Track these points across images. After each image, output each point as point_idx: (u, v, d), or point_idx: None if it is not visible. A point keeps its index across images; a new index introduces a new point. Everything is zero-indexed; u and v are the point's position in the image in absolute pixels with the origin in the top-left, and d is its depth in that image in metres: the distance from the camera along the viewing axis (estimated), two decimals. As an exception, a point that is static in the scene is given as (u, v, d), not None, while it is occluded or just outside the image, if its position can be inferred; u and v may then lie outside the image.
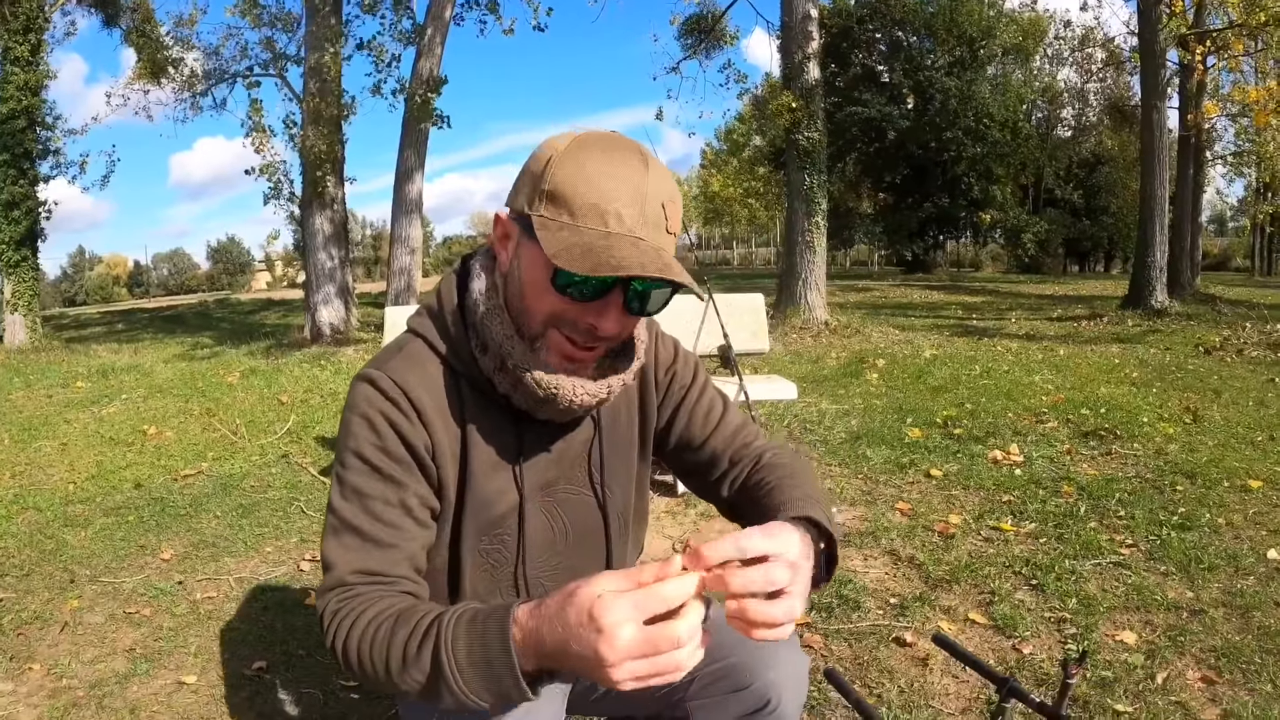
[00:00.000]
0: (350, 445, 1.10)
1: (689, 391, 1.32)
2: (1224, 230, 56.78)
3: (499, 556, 1.21)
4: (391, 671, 0.95)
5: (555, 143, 1.03)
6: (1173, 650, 2.31)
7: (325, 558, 1.09)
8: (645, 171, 1.01)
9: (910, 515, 3.56)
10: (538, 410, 1.11)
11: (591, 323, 1.02)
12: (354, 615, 1.01)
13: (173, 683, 2.38)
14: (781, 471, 1.24)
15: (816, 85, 11.19)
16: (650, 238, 1.00)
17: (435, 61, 11.09)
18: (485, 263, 1.13)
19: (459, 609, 0.93)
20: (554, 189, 0.99)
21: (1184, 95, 14.59)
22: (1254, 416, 5.24)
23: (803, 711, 1.26)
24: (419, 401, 1.09)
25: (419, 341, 1.15)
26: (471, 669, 0.88)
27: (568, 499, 1.24)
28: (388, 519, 1.08)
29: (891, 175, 31.03)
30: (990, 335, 10.52)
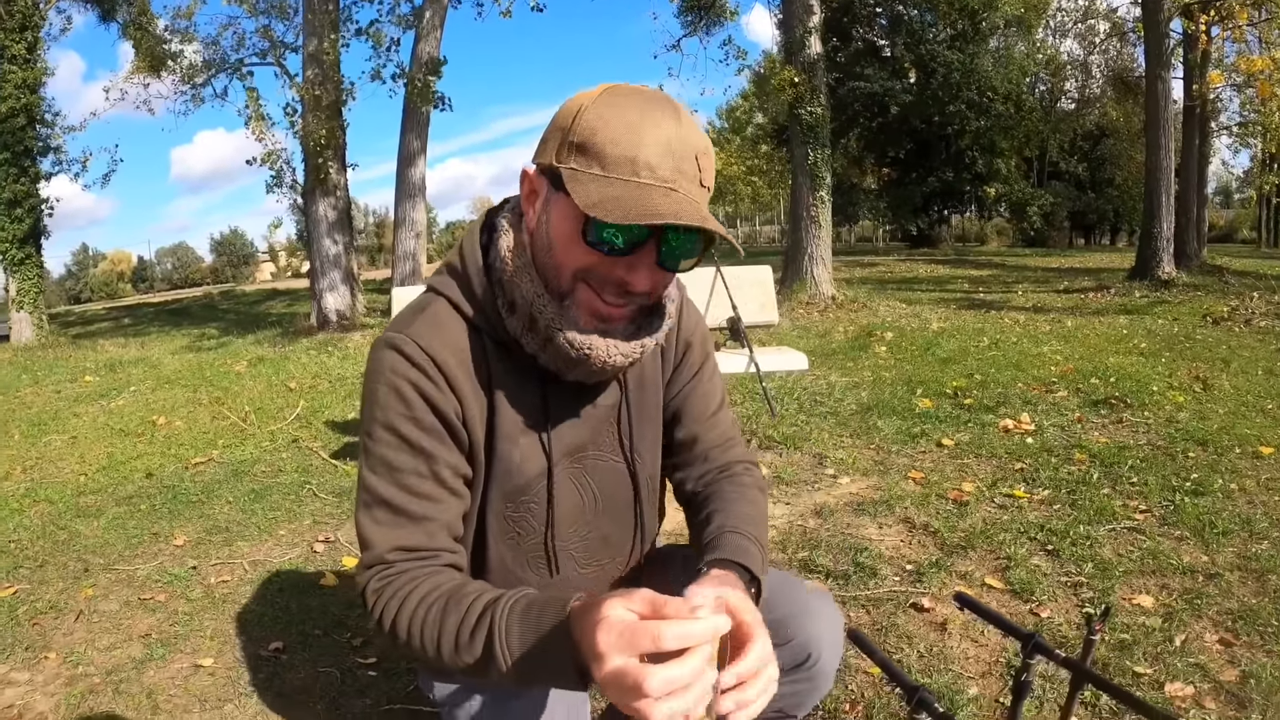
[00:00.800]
0: (378, 417, 1.07)
1: (699, 371, 1.31)
2: (1229, 202, 56.34)
3: (525, 525, 1.19)
4: (443, 654, 0.96)
5: (583, 96, 1.00)
6: (1190, 613, 2.30)
7: (361, 534, 1.08)
8: (678, 123, 0.97)
9: (923, 484, 3.55)
10: (567, 371, 1.08)
11: (623, 277, 0.99)
12: (400, 596, 1.01)
13: (189, 666, 2.39)
14: (747, 495, 1.25)
15: (818, 60, 11.10)
16: (684, 189, 0.96)
17: (434, 44, 11.04)
18: (512, 219, 1.09)
19: (512, 598, 0.93)
20: (584, 140, 0.96)
21: (1188, 66, 14.43)
22: (1264, 385, 5.20)
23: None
24: (446, 366, 1.07)
25: (441, 301, 1.12)
26: (526, 661, 0.88)
27: (596, 465, 1.21)
28: (421, 491, 1.06)
29: (895, 150, 30.86)
30: (997, 308, 10.46)
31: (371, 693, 2.20)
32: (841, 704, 1.97)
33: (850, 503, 3.37)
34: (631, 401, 1.22)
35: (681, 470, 1.32)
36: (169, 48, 13.87)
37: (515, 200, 1.12)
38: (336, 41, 10.84)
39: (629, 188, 0.93)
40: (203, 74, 13.97)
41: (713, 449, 1.31)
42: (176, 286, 57.05)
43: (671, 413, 1.30)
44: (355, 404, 6.06)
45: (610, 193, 0.93)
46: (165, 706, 2.18)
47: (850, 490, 3.53)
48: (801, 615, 1.20)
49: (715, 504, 1.22)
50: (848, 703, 1.97)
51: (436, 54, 11.01)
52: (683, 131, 0.97)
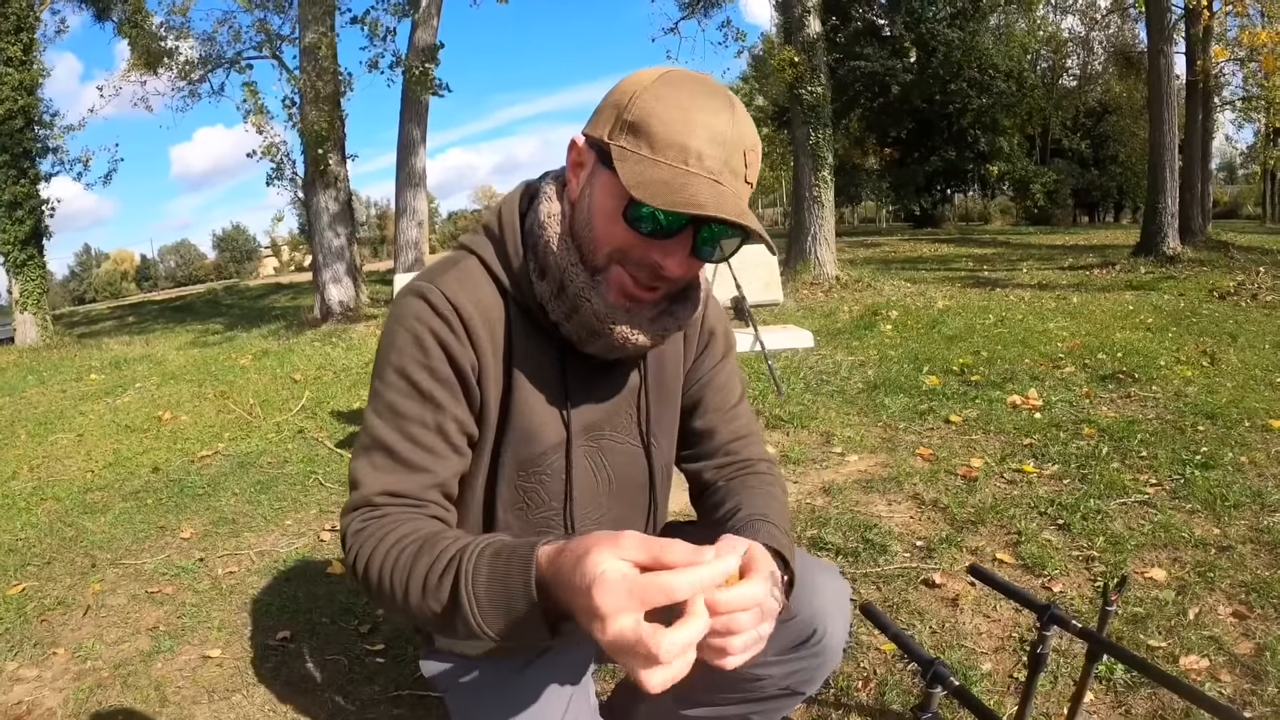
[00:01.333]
0: (393, 360, 1.06)
1: (721, 361, 1.30)
2: (1234, 178, 55.99)
3: (536, 497, 1.17)
4: (410, 598, 0.93)
5: (641, 75, 1.00)
6: (1203, 586, 2.28)
7: (353, 475, 1.06)
8: (731, 115, 0.97)
9: (932, 460, 3.53)
10: (587, 343, 1.07)
11: (657, 261, 0.99)
12: (377, 537, 0.99)
13: (197, 657, 2.38)
14: (772, 491, 1.22)
15: (818, 39, 11.03)
16: (729, 183, 0.96)
17: (431, 32, 11.01)
18: (555, 187, 1.09)
19: (483, 542, 0.90)
20: (637, 120, 0.96)
21: (1190, 41, 14.30)
22: (1271, 359, 5.17)
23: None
24: (470, 321, 1.06)
25: (473, 259, 1.11)
26: (491, 606, 0.85)
27: (612, 446, 1.21)
28: (423, 442, 1.05)
29: (896, 130, 30.70)
30: (1002, 285, 10.42)
31: (380, 679, 2.20)
32: (854, 681, 1.95)
33: (858, 480, 3.35)
34: (651, 386, 1.21)
35: (698, 461, 1.31)
36: (165, 44, 13.81)
37: (557, 170, 1.13)
38: (333, 32, 10.79)
39: (675, 174, 0.93)
40: (199, 70, 13.91)
41: (732, 442, 1.29)
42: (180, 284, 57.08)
43: (690, 401, 1.29)
44: (361, 394, 6.05)
45: (657, 176, 0.93)
46: (173, 698, 2.17)
47: (858, 468, 3.51)
48: (806, 589, 1.18)
49: (741, 496, 1.21)
50: (860, 680, 1.95)
51: (434, 41, 10.96)
52: (735, 124, 0.97)
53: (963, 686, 1.05)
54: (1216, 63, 14.88)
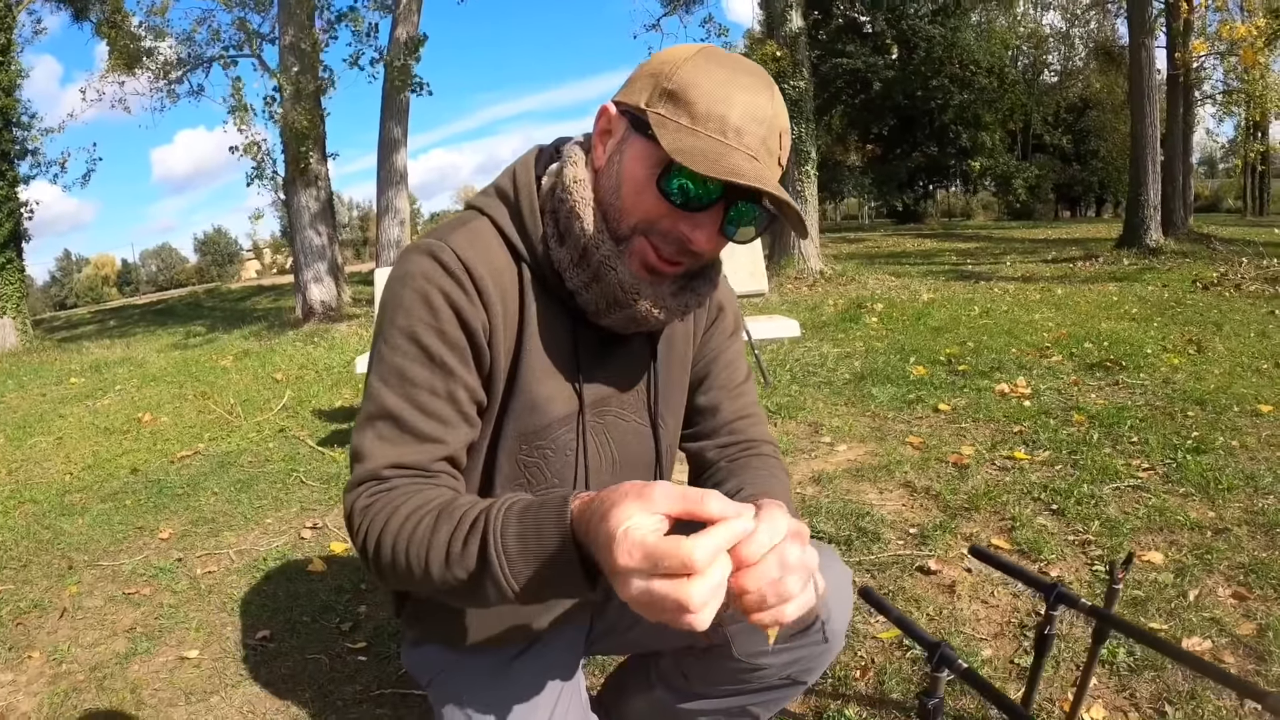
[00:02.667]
0: (401, 323, 1.00)
1: (731, 338, 1.27)
2: (1214, 172, 56.53)
3: (538, 472, 1.12)
4: (431, 569, 0.88)
5: (681, 49, 0.99)
6: (1201, 568, 2.25)
7: (358, 448, 1.01)
8: (771, 96, 0.96)
9: (922, 448, 3.49)
10: (605, 314, 1.03)
11: (685, 234, 0.96)
12: (389, 510, 0.93)
13: (174, 659, 2.31)
14: (777, 474, 1.19)
15: (799, 33, 11.02)
16: (765, 161, 0.95)
17: (412, 27, 10.93)
18: (578, 153, 1.04)
19: (509, 500, 0.85)
20: (678, 90, 0.94)
21: (1171, 35, 14.37)
22: (1257, 346, 5.17)
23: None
24: (482, 282, 1.01)
25: (484, 221, 1.06)
26: (523, 560, 0.81)
27: (618, 424, 1.16)
28: (432, 410, 1.00)
29: (879, 126, 30.84)
30: (986, 278, 10.44)
31: (361, 678, 2.14)
32: (851, 670, 1.90)
33: (849, 469, 3.31)
34: (661, 363, 1.17)
35: (700, 440, 1.27)
36: (144, 45, 13.65)
37: (576, 137, 1.09)
38: (313, 30, 10.69)
39: (714, 144, 0.91)
40: (178, 70, 13.76)
41: (736, 420, 1.26)
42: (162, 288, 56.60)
43: (696, 376, 1.25)
44: (342, 393, 5.98)
45: (697, 144, 0.91)
46: (150, 701, 2.11)
47: (848, 457, 3.48)
48: None
49: (744, 476, 1.17)
50: (857, 669, 1.91)
51: (416, 34, 10.87)
52: (774, 106, 0.96)
53: (971, 669, 1.01)
54: (1196, 56, 14.94)
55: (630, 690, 1.45)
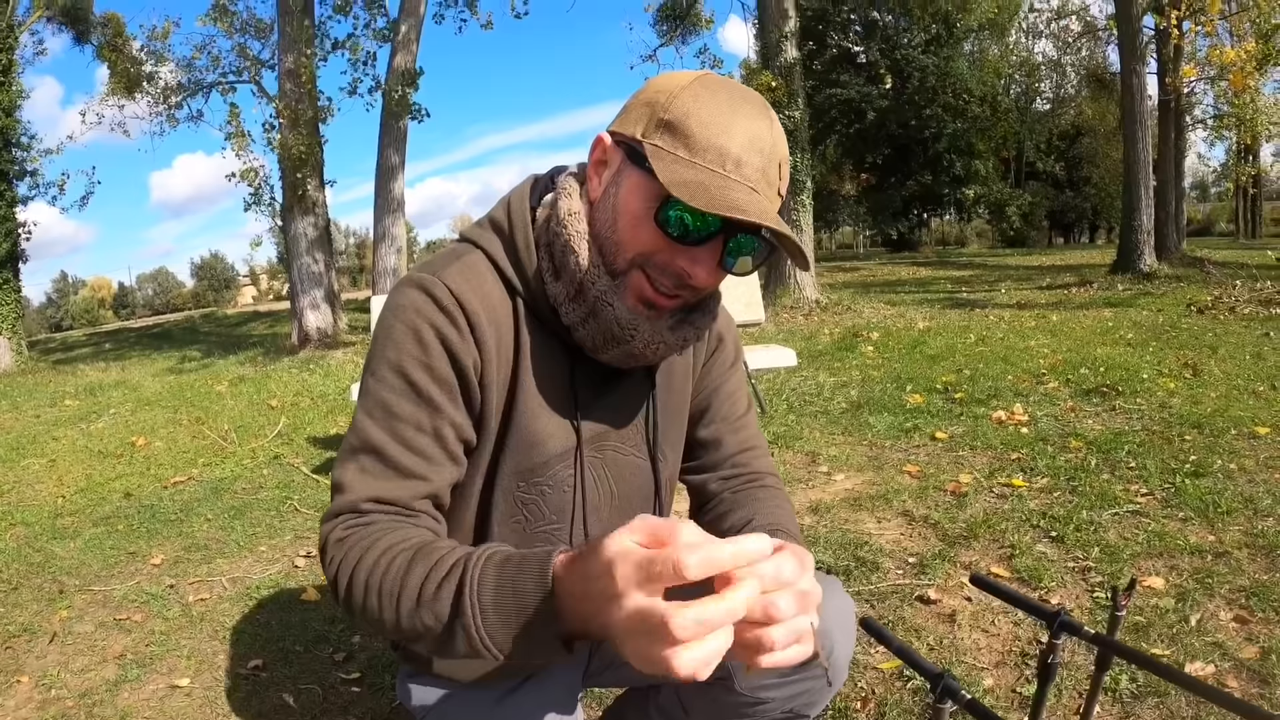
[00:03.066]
0: (389, 356, 0.98)
1: (731, 369, 1.24)
2: (1206, 196, 56.96)
3: (535, 509, 1.09)
4: (401, 610, 0.84)
5: (678, 76, 0.96)
6: (1202, 592, 2.23)
7: (339, 479, 0.98)
8: (770, 125, 0.94)
9: (920, 477, 3.48)
10: (603, 349, 1.01)
11: (684, 268, 0.94)
12: (364, 544, 0.89)
13: (165, 687, 2.28)
14: (783, 506, 1.17)
15: (795, 64, 11.12)
16: (764, 193, 0.92)
17: (411, 57, 11.00)
18: (573, 184, 1.02)
19: (489, 549, 0.82)
20: (675, 120, 0.91)
21: (1161, 60, 14.53)
22: (1253, 369, 5.18)
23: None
24: (475, 317, 0.98)
25: (478, 254, 1.04)
26: (498, 614, 0.76)
27: (616, 458, 1.13)
28: (417, 446, 0.97)
29: (873, 155, 31.01)
30: (981, 306, 10.47)
31: (355, 709, 2.11)
32: (852, 702, 1.88)
33: (846, 499, 3.29)
34: (660, 395, 1.15)
35: (703, 472, 1.24)
36: (144, 69, 13.73)
37: (571, 167, 1.07)
38: (313, 57, 10.76)
39: (714, 177, 0.89)
40: (178, 94, 13.82)
41: (739, 454, 1.23)
42: (158, 312, 56.48)
43: (697, 409, 1.23)
44: (337, 420, 5.95)
45: (695, 177, 0.88)
46: (140, 729, 2.08)
47: (845, 486, 3.46)
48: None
49: (751, 507, 1.15)
50: (858, 700, 1.89)
51: (413, 67, 10.94)
52: (773, 134, 0.94)
53: (975, 699, 0.99)
54: (1187, 81, 15.11)
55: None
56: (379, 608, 0.85)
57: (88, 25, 17.08)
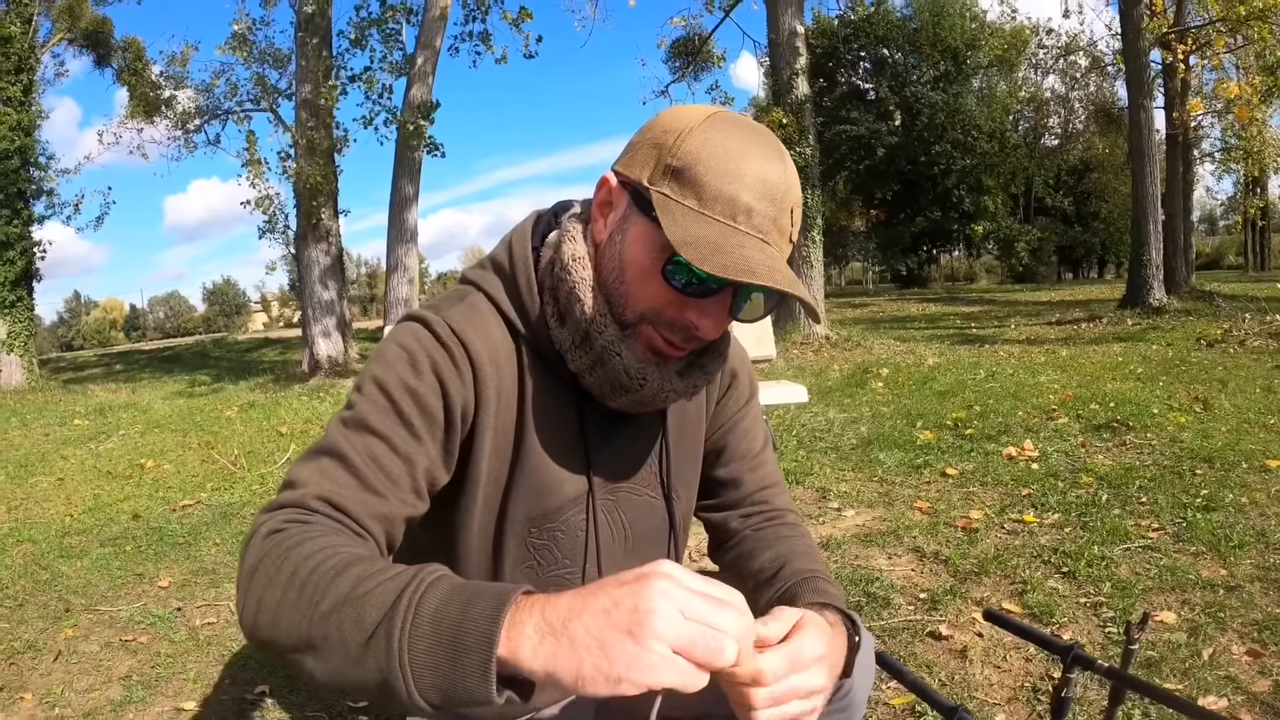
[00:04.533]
0: (377, 373, 0.93)
1: (746, 405, 1.21)
2: (1215, 230, 57.05)
3: (549, 554, 1.06)
4: (319, 612, 0.70)
5: (686, 114, 0.91)
6: (1214, 626, 2.21)
7: (293, 476, 0.89)
8: (783, 167, 0.89)
9: (930, 513, 3.46)
10: (612, 397, 0.98)
11: (693, 321, 0.90)
12: (301, 537, 0.79)
13: (170, 710, 2.27)
14: (810, 546, 1.15)
15: (805, 100, 11.22)
16: (775, 243, 0.88)
17: (427, 89, 11.11)
18: (580, 227, 0.98)
19: (449, 572, 0.73)
20: (684, 166, 0.87)
21: (1169, 95, 14.65)
22: (1264, 402, 5.16)
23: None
24: (477, 359, 0.94)
25: (480, 295, 1.00)
26: (436, 632, 0.66)
27: (630, 499, 1.10)
28: (385, 465, 0.89)
29: (882, 191, 31.22)
30: (991, 342, 10.47)
31: (363, 734, 2.10)
32: (860, 734, 1.87)
33: (857, 535, 3.28)
34: (672, 435, 1.12)
35: (723, 510, 1.21)
36: (163, 93, 13.95)
37: (576, 205, 1.04)
38: (334, 89, 10.90)
39: (724, 232, 0.85)
40: (195, 119, 14.03)
41: (758, 491, 1.21)
42: (169, 335, 56.92)
43: (713, 448, 1.19)
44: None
45: (705, 234, 0.84)
46: (145, 752, 2.07)
47: (856, 522, 3.45)
48: None
49: (779, 547, 1.13)
50: (867, 733, 1.87)
51: (429, 99, 11.07)
52: (786, 177, 0.89)
53: (988, 727, 0.98)
54: (1194, 115, 15.21)
55: None
56: (295, 607, 0.73)
57: (109, 49, 17.37)
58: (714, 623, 0.64)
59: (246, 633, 0.78)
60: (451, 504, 1.02)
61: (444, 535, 1.05)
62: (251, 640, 0.77)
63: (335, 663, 0.70)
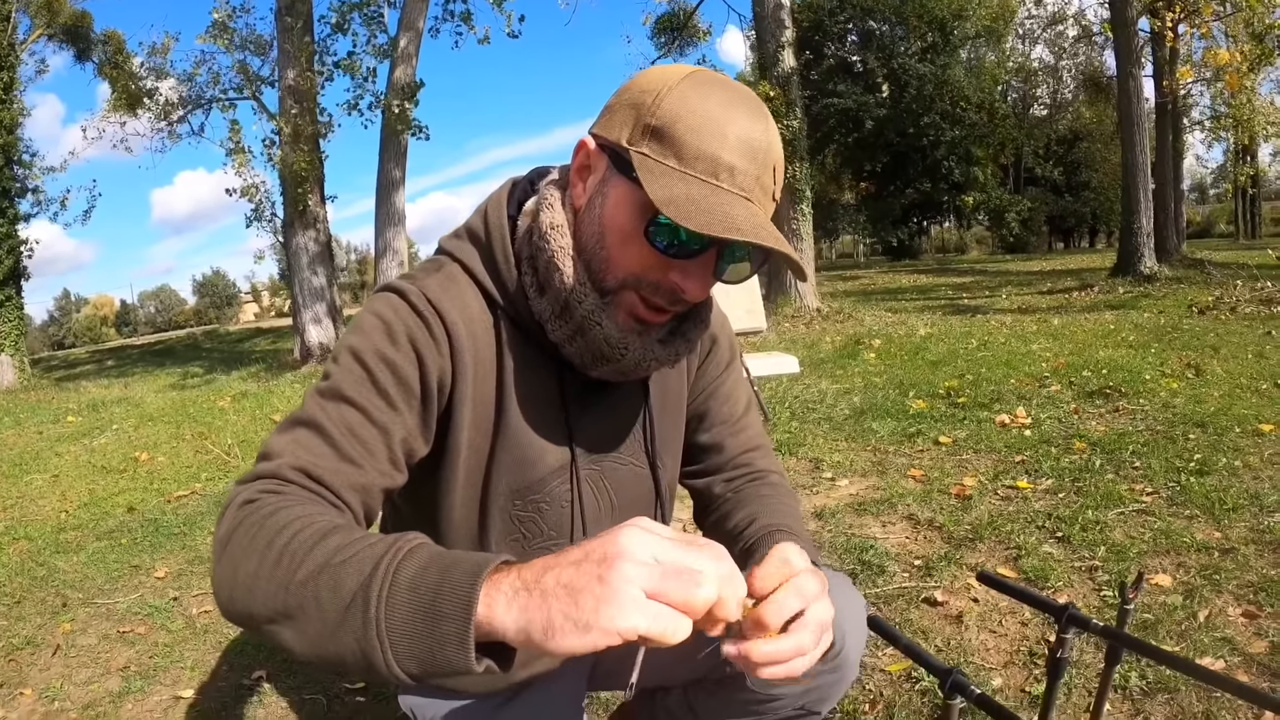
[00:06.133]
0: (353, 343, 0.92)
1: (726, 369, 1.20)
2: (1205, 198, 57.12)
3: (533, 527, 1.06)
4: (294, 578, 0.69)
5: (664, 73, 0.89)
6: (1210, 589, 2.22)
7: (269, 447, 0.88)
8: (765, 126, 0.88)
9: (924, 481, 3.47)
10: (593, 366, 0.97)
11: (676, 283, 0.89)
12: (276, 506, 0.78)
13: (169, 698, 2.27)
14: (786, 501, 1.14)
15: (792, 73, 11.15)
16: (759, 201, 0.87)
17: (410, 71, 11.01)
18: (558, 194, 0.96)
19: (428, 540, 0.72)
20: (663, 125, 0.85)
21: (1158, 63, 14.59)
22: (1255, 367, 5.17)
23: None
24: (454, 329, 0.93)
25: (456, 266, 0.99)
26: (413, 597, 0.64)
27: (615, 469, 1.10)
28: (362, 435, 0.89)
29: (872, 164, 31.12)
30: (983, 312, 10.47)
31: (359, 719, 2.10)
32: (860, 704, 1.87)
33: (851, 504, 3.28)
34: (655, 402, 1.11)
35: (705, 476, 1.21)
36: (145, 85, 13.81)
37: (554, 171, 1.02)
38: (314, 74, 10.80)
39: (706, 189, 0.83)
40: (179, 110, 13.89)
41: (741, 454, 1.20)
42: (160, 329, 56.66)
43: (695, 413, 1.19)
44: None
45: (687, 191, 0.83)
46: (145, 741, 2.07)
47: (850, 491, 3.45)
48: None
49: (754, 506, 1.12)
50: (866, 703, 1.88)
51: (413, 80, 10.98)
52: (768, 136, 0.88)
53: (985, 694, 0.98)
54: (1183, 84, 15.16)
55: None
56: (272, 575, 0.71)
57: (88, 43, 17.20)
58: (688, 563, 0.63)
59: (222, 605, 0.76)
60: (433, 478, 1.02)
61: (428, 510, 1.04)
62: (227, 612, 0.76)
63: (312, 634, 0.68)
